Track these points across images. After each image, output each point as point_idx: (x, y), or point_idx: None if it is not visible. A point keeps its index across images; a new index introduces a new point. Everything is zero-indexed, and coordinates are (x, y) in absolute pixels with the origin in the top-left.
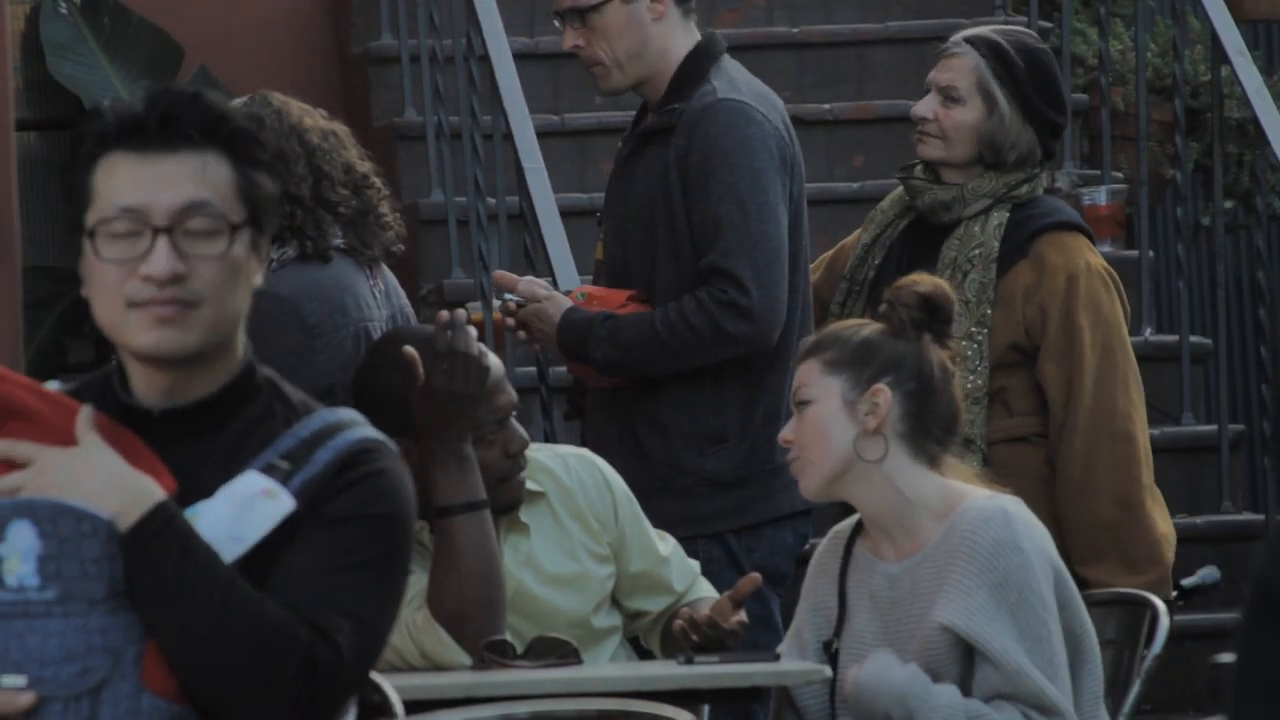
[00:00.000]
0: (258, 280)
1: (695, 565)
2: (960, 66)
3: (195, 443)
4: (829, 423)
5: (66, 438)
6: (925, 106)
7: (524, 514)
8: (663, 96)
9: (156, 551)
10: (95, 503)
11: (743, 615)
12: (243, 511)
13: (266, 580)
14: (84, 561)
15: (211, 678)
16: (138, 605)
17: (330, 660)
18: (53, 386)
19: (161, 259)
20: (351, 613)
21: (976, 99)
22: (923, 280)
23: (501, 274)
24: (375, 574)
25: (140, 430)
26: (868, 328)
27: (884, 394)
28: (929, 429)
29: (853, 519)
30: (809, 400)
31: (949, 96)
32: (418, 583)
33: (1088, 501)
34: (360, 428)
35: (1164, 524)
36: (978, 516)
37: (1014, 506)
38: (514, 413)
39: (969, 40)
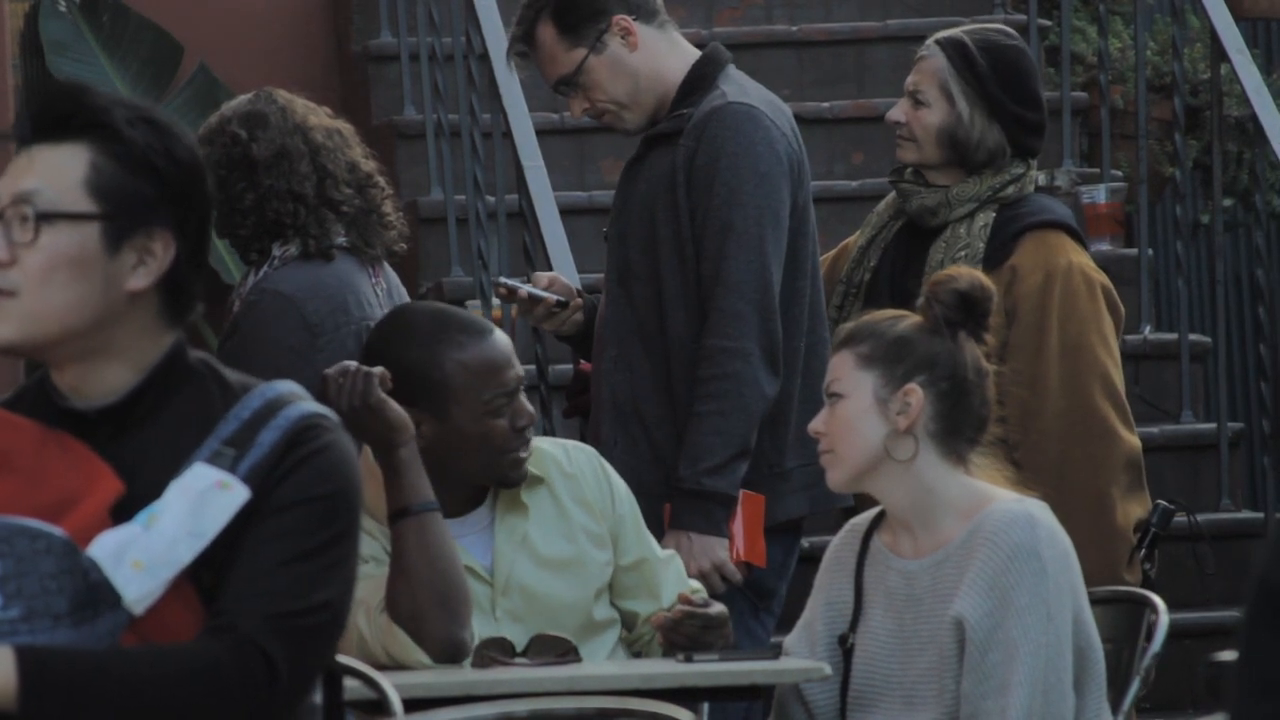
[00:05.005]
0: (134, 283)
1: (695, 583)
2: (927, 69)
3: (134, 437)
4: (860, 419)
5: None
6: (897, 111)
7: (525, 496)
8: (671, 104)
9: (53, 698)
10: None
11: (713, 608)
12: (198, 507)
13: (225, 572)
14: (43, 578)
15: None
16: None
17: (259, 669)
18: None
19: None
20: (305, 606)
21: (941, 100)
22: (961, 276)
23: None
24: (328, 557)
25: (80, 432)
26: (904, 322)
27: (916, 394)
28: (960, 429)
29: (870, 513)
30: (841, 394)
31: (916, 100)
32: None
33: (1061, 508)
34: (300, 402)
35: (1131, 518)
36: (1003, 518)
37: (1040, 512)
38: (522, 387)
39: (937, 42)
